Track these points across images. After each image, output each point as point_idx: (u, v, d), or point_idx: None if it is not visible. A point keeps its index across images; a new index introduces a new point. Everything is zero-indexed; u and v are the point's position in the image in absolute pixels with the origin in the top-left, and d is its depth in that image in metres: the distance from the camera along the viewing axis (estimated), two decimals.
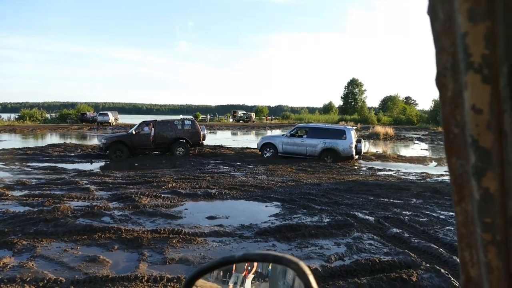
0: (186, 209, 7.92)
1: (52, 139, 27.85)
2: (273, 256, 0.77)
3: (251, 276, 1.08)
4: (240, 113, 71.59)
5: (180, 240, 5.85)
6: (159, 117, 19.65)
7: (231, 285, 1.07)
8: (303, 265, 0.69)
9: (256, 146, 18.84)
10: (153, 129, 17.18)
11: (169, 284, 4.31)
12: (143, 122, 17.69)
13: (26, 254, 5.15)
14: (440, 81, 0.47)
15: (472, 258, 0.48)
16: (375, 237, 6.29)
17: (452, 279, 4.54)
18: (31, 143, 24.04)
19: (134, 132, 16.90)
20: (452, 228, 6.78)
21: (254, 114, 75.21)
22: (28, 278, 4.34)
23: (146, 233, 6.08)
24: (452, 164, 0.48)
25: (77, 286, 4.19)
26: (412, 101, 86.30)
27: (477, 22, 0.42)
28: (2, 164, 13.66)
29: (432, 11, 0.46)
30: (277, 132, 39.08)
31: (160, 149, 17.50)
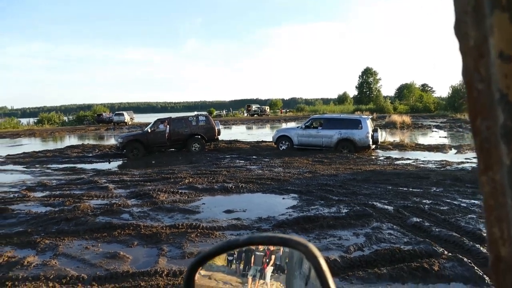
0: (204, 203, 7.95)
1: (71, 140, 28.34)
2: (279, 238, 0.74)
3: (270, 268, 1.06)
4: (254, 107, 71.54)
5: (198, 234, 5.88)
6: (174, 115, 19.79)
7: (250, 278, 1.06)
8: (312, 246, 0.64)
9: (271, 139, 18.79)
10: (168, 126, 17.30)
11: None
12: (158, 119, 17.84)
13: (49, 253, 5.26)
14: (460, 29, 0.40)
15: (503, 234, 0.41)
16: (394, 226, 6.20)
17: (475, 268, 4.45)
18: (51, 145, 24.51)
19: (149, 130, 17.06)
20: (475, 216, 6.64)
21: (268, 107, 75.02)
22: (52, 276, 4.43)
23: (164, 228, 6.13)
24: (476, 127, 0.41)
25: (99, 282, 4.25)
26: (429, 88, 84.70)
27: None
28: (23, 167, 13.97)
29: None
30: (292, 124, 38.92)
31: (176, 146, 17.62)
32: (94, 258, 5.01)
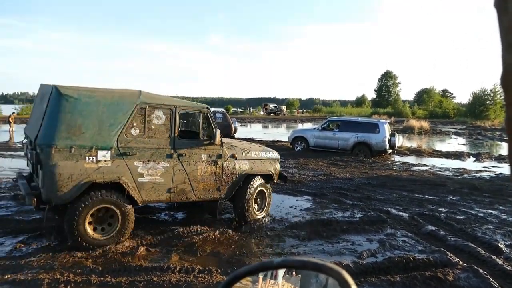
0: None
1: None
2: (313, 264, 0.74)
3: (282, 270, 1.06)
4: (271, 106, 71.44)
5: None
6: None
7: (261, 277, 1.06)
8: (346, 274, 0.65)
9: (287, 140, 18.77)
10: (185, 122, 17.39)
11: (200, 275, 4.36)
12: None
13: (64, 242, 5.34)
14: (507, 81, 0.42)
15: None
16: (409, 234, 6.13)
17: (491, 279, 4.37)
18: None
19: None
20: (492, 227, 6.52)
21: (285, 107, 74.85)
22: (67, 266, 4.52)
23: (178, 223, 6.17)
24: None
25: (113, 275, 4.31)
26: (449, 94, 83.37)
27: None
28: None
29: (500, 4, 0.40)
30: (308, 125, 38.78)
31: None
32: (108, 250, 5.08)
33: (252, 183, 6.45)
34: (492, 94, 56.54)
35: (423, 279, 4.37)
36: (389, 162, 15.13)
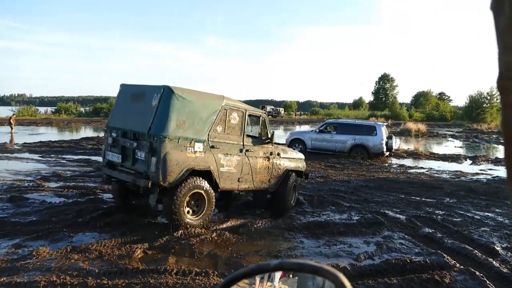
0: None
1: (86, 132, 28.73)
2: (310, 266, 0.74)
3: (279, 272, 1.06)
4: (269, 108, 71.41)
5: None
6: None
7: (257, 279, 1.06)
8: (343, 277, 0.65)
9: (284, 142, 18.78)
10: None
11: (197, 277, 4.35)
12: None
13: (61, 244, 5.32)
14: (503, 84, 0.42)
15: None
16: (406, 236, 6.15)
17: (487, 282, 4.38)
18: (66, 136, 24.88)
19: None
20: (488, 229, 6.54)
21: (283, 109, 74.87)
22: (64, 268, 4.49)
23: (176, 227, 6.16)
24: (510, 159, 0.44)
25: (109, 277, 4.30)
26: (446, 97, 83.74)
27: None
28: (39, 156, 14.19)
29: (496, 6, 0.41)
30: (305, 127, 38.82)
31: None
32: (106, 252, 5.07)
33: (291, 177, 7.51)
34: (488, 97, 56.82)
35: (420, 282, 4.37)
36: (386, 164, 15.16)
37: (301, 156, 8.23)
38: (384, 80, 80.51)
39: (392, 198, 8.81)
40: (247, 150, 6.70)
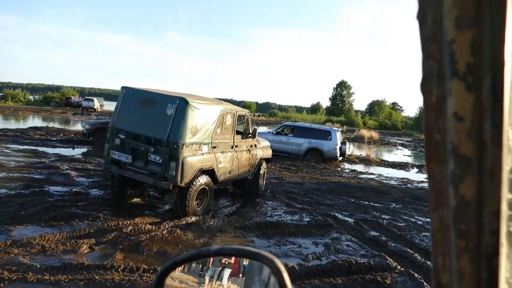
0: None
1: (34, 121, 27.32)
2: (248, 251, 0.77)
3: (227, 270, 1.08)
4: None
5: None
6: None
7: (207, 278, 1.07)
8: (278, 262, 0.68)
9: None
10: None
11: (145, 274, 4.28)
12: None
13: (0, 238, 5.05)
14: (425, 87, 0.47)
15: (445, 264, 0.48)
16: (353, 238, 6.36)
17: (425, 283, 4.63)
18: (12, 124, 23.55)
19: None
20: (428, 234, 6.90)
21: None
22: (2, 263, 4.27)
23: (125, 222, 6.02)
24: (431, 170, 0.48)
25: (51, 273, 4.13)
26: (398, 107, 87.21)
27: (464, 29, 0.42)
28: None
29: (421, 16, 0.46)
30: (263, 129, 39.07)
31: None
32: (48, 247, 4.86)
33: (262, 164, 8.87)
34: None
35: (363, 282, 4.55)
36: (339, 169, 15.60)
37: (268, 143, 9.67)
38: (342, 87, 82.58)
39: (343, 201, 9.08)
40: (236, 146, 7.74)
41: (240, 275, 1.09)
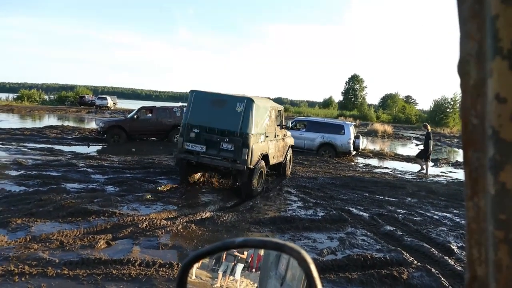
0: (183, 195, 7.94)
1: (50, 120, 27.76)
2: (274, 243, 0.76)
3: (240, 265, 1.07)
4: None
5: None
6: (158, 104, 19.74)
7: (220, 273, 1.07)
8: (305, 253, 0.67)
9: None
10: (151, 115, 17.16)
11: (161, 269, 4.33)
12: (142, 107, 17.70)
13: (20, 233, 5.16)
14: (463, 68, 0.45)
15: (481, 256, 0.45)
16: (368, 233, 6.32)
17: (442, 279, 4.58)
18: (29, 123, 23.96)
19: (134, 117, 16.91)
20: (445, 229, 6.82)
21: None
22: (22, 258, 4.36)
23: (141, 217, 6.08)
24: (468, 157, 0.46)
25: (70, 267, 4.20)
26: (412, 100, 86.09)
27: (510, 3, 0.39)
28: None
29: None
30: None
31: (159, 136, 17.47)
32: (66, 242, 4.94)
33: (289, 150, 10.86)
34: (452, 103, 58.86)
35: (379, 277, 4.52)
36: (353, 163, 15.50)
37: (290, 133, 11.64)
38: (354, 81, 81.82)
39: (357, 196, 9.02)
40: (276, 135, 9.54)
41: (254, 269, 1.09)
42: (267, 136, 8.74)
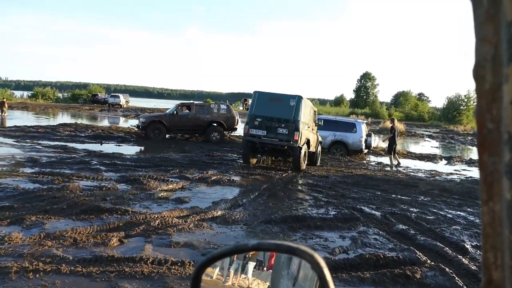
0: (195, 194, 7.97)
1: (64, 118, 28.11)
2: (287, 246, 0.76)
3: (252, 264, 1.06)
4: (250, 101, 71.22)
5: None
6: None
7: (232, 272, 1.06)
8: (318, 257, 0.67)
9: None
10: (189, 111, 17.55)
11: (173, 267, 4.35)
12: (182, 103, 18.44)
13: (34, 230, 5.23)
14: (478, 73, 0.44)
15: (496, 260, 0.45)
16: (380, 232, 6.27)
17: (456, 278, 4.52)
18: (43, 121, 24.31)
19: (174, 113, 17.42)
20: (459, 228, 6.73)
21: None
22: (37, 255, 4.42)
23: (153, 216, 6.13)
24: (483, 161, 0.45)
25: (83, 265, 4.25)
26: (425, 98, 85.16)
27: None
28: (13, 141, 13.84)
29: None
30: None
31: (197, 132, 17.96)
32: (80, 239, 5.00)
33: (321, 144, 13.56)
34: (466, 100, 58.10)
35: (392, 276, 4.48)
36: (365, 161, 15.40)
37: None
38: (366, 79, 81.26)
39: (369, 194, 8.96)
40: (312, 129, 12.27)
41: (265, 268, 1.08)
42: (308, 127, 11.52)
